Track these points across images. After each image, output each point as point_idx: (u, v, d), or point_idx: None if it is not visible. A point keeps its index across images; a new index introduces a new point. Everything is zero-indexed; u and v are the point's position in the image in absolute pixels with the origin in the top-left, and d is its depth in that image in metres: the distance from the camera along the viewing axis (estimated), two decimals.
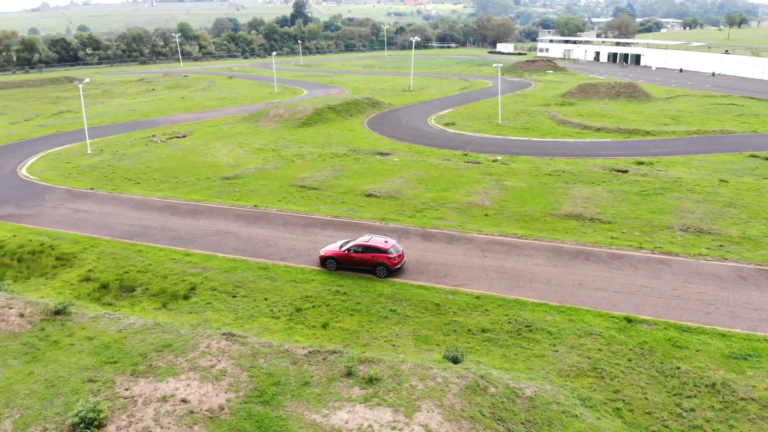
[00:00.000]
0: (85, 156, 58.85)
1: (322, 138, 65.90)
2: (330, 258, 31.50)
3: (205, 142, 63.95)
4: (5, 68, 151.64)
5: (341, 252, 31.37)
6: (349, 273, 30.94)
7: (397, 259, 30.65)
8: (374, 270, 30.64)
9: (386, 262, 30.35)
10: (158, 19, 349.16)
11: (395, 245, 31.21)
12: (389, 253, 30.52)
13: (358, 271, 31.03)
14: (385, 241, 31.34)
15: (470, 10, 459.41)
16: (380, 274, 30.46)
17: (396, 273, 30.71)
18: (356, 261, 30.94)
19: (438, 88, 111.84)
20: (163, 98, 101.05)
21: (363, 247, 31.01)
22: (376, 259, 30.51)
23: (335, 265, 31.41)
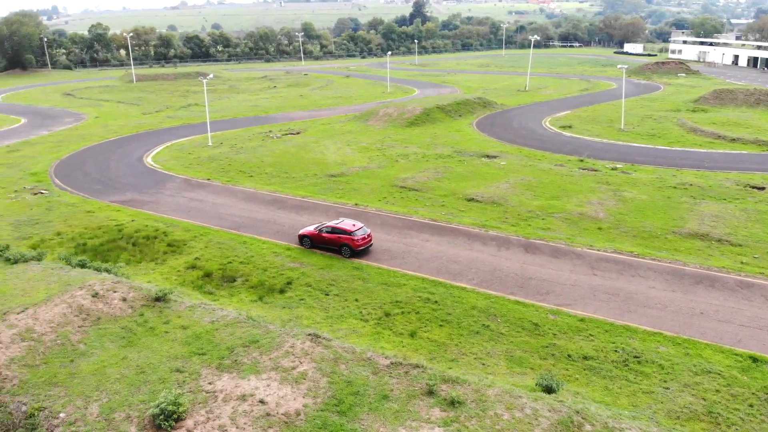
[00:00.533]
0: (206, 148, 62.12)
1: (428, 138, 64.93)
2: (306, 236, 34.48)
3: (317, 140, 65.23)
4: (143, 62, 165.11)
5: (314, 232, 34.20)
6: (443, 280, 29.75)
7: (360, 241, 32.92)
8: (340, 250, 33.18)
9: (350, 243, 32.82)
10: (285, 19, 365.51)
11: (362, 229, 33.51)
12: (354, 235, 32.84)
13: (327, 250, 33.61)
14: (353, 224, 33.76)
15: (597, 8, 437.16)
16: (345, 254, 32.99)
17: (360, 254, 32.96)
18: (326, 240, 33.68)
19: (556, 88, 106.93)
20: (283, 95, 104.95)
21: (332, 228, 33.65)
22: (342, 240, 33.12)
23: (309, 243, 34.31)
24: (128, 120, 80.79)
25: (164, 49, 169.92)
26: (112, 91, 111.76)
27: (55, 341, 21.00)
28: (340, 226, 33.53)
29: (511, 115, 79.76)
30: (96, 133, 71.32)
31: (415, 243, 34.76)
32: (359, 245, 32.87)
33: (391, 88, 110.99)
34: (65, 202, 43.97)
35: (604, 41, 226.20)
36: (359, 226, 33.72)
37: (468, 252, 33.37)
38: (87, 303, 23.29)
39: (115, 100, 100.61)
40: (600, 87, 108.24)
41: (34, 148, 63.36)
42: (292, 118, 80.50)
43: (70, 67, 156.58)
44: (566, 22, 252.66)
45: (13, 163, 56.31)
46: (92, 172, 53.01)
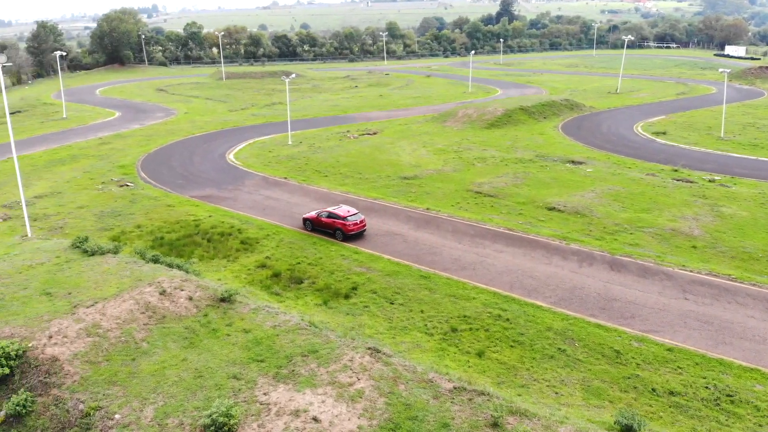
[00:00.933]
0: (285, 146, 62.78)
1: (509, 141, 62.47)
2: (308, 220, 37.50)
3: (393, 141, 64.42)
4: (233, 60, 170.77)
5: (315, 216, 37.13)
6: (516, 296, 27.93)
7: (351, 227, 35.68)
8: (334, 233, 36.05)
9: (342, 228, 35.72)
10: (371, 18, 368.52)
11: (356, 215, 36.18)
12: (346, 220, 35.69)
13: (324, 234, 36.46)
14: (348, 210, 36.50)
15: (696, 8, 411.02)
16: (338, 236, 35.86)
17: (351, 239, 35.63)
18: (323, 224, 36.61)
19: (650, 91, 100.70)
20: (363, 95, 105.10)
21: (328, 213, 36.59)
22: (336, 224, 35.98)
23: (310, 227, 37.27)
24: (215, 116, 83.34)
25: (254, 48, 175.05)
26: (202, 88, 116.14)
27: (119, 338, 21.16)
28: (336, 212, 36.34)
29: (600, 118, 75.62)
30: (184, 128, 73.95)
31: (487, 253, 33.06)
32: (351, 230, 35.66)
33: (472, 88, 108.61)
34: (148, 195, 45.46)
35: (704, 43, 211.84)
36: (353, 212, 36.46)
37: (546, 266, 31.31)
38: (154, 300, 23.43)
39: (204, 96, 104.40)
40: (698, 91, 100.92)
41: (125, 141, 66.46)
42: (370, 118, 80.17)
43: (165, 63, 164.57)
44: (663, 21, 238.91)
45: (104, 155, 59.19)
46: (176, 167, 54.73)
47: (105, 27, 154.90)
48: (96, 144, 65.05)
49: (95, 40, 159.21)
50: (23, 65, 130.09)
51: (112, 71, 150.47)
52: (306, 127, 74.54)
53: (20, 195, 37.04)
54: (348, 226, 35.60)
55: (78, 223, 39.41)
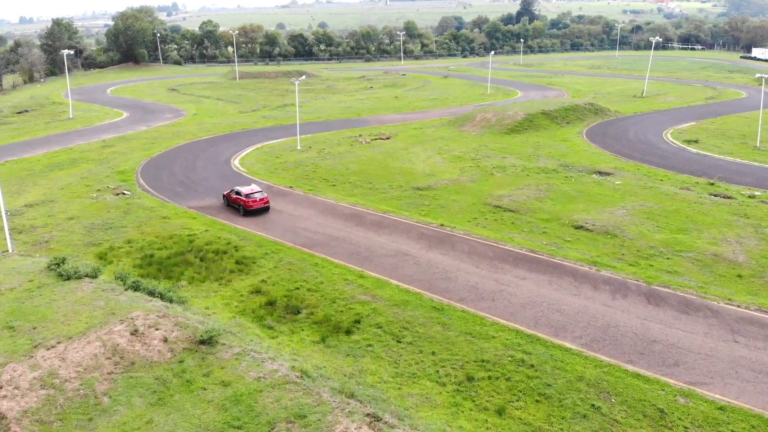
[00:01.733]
0: (293, 152, 59.66)
1: (530, 148, 58.68)
2: (224, 195, 42.30)
3: (406, 146, 60.98)
4: (249, 59, 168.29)
5: (228, 193, 41.92)
6: (542, 336, 24.36)
7: (251, 203, 39.84)
8: (238, 208, 40.43)
9: (243, 204, 40.00)
10: (389, 18, 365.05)
11: (257, 193, 40.38)
12: (247, 197, 39.92)
13: (233, 208, 41.14)
14: (251, 189, 40.75)
15: (720, 9, 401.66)
16: (240, 211, 40.14)
17: (252, 213, 39.94)
18: (231, 200, 41.16)
19: (677, 95, 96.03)
20: (378, 96, 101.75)
21: (235, 191, 41.04)
22: (239, 200, 40.36)
23: (226, 202, 41.86)
24: (224, 118, 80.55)
25: (269, 47, 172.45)
26: (215, 88, 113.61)
27: (77, 391, 18.05)
28: (238, 189, 40.96)
29: (626, 124, 71.44)
30: (191, 130, 71.20)
31: (508, 281, 29.54)
32: (250, 206, 39.87)
33: (491, 89, 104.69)
34: (144, 205, 42.56)
35: (729, 45, 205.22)
36: (256, 190, 40.71)
37: (574, 298, 27.71)
38: (123, 342, 20.31)
39: (215, 97, 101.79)
40: (727, 96, 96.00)
41: (128, 143, 63.81)
42: (384, 122, 76.78)
43: (180, 62, 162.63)
44: (687, 22, 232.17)
45: (104, 159, 56.53)
46: (178, 173, 51.85)
47: (120, 25, 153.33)
48: (98, 147, 62.46)
49: (110, 38, 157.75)
50: (36, 63, 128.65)
51: (126, 70, 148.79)
52: (317, 130, 71.36)
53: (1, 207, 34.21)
54: (248, 203, 39.83)
55: (65, 236, 36.57)
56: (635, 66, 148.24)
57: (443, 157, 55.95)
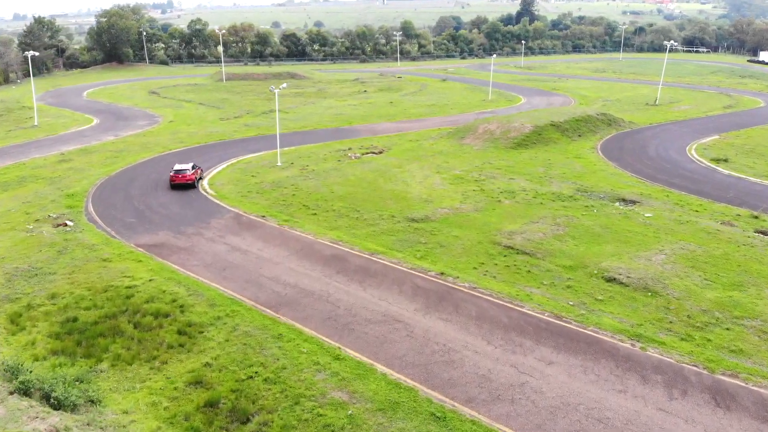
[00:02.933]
0: (273, 168, 52.35)
1: (540, 167, 51.47)
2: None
3: (401, 163, 53.73)
4: (239, 59, 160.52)
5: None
6: None
7: (174, 179, 46.06)
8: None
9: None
10: (387, 17, 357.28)
11: (180, 169, 46.29)
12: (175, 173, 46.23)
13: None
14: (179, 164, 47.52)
15: (721, 10, 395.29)
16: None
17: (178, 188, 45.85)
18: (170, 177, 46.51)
19: (692, 103, 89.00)
20: (372, 102, 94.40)
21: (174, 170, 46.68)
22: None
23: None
24: (202, 126, 73.16)
25: (261, 46, 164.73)
26: (199, 91, 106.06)
27: None
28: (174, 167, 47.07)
29: (643, 137, 64.33)
30: (162, 142, 63.78)
31: (530, 367, 22.34)
32: (173, 180, 46.08)
33: (492, 95, 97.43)
34: (84, 242, 35.18)
35: (734, 48, 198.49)
36: (185, 167, 46.67)
37: (620, 398, 20.53)
38: None
39: (197, 101, 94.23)
40: (744, 104, 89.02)
41: (89, 157, 56.32)
42: (377, 132, 69.49)
43: (167, 62, 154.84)
44: (690, 24, 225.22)
45: (57, 178, 49.07)
46: (135, 196, 44.45)
47: (103, 23, 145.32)
48: (54, 162, 54.97)
49: (93, 37, 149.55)
50: (12, 63, 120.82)
51: (109, 70, 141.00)
52: (302, 141, 64.03)
53: None
54: (172, 176, 46.22)
55: None
56: (641, 69, 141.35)
57: (442, 177, 48.72)
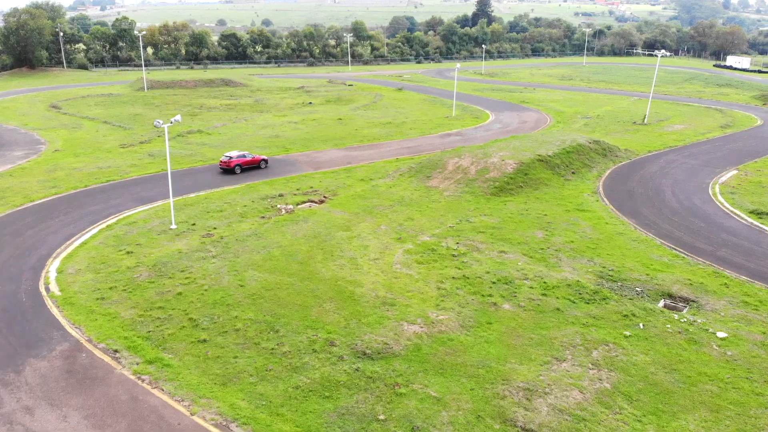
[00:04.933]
0: (163, 235, 36.26)
1: (537, 230, 37.07)
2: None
3: (348, 220, 38.48)
4: (171, 62, 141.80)
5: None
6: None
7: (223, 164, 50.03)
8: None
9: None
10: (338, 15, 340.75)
11: (231, 154, 50.16)
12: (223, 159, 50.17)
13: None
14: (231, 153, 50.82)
15: (671, 12, 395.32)
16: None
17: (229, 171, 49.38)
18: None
19: (683, 121, 77.00)
20: (317, 118, 78.66)
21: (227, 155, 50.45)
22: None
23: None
24: (93, 158, 55.94)
25: (196, 48, 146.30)
26: (110, 103, 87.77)
27: None
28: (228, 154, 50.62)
29: (650, 173, 51.05)
30: (28, 186, 46.53)
31: None
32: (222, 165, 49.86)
33: (456, 109, 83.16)
34: None
35: (695, 51, 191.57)
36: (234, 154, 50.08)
37: None
38: None
39: (103, 118, 76.29)
40: (741, 122, 77.68)
41: None
42: (320, 164, 54.02)
43: (86, 66, 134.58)
44: (648, 27, 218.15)
45: None
46: None
47: (12, 24, 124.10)
48: None
49: (0, 39, 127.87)
50: None
51: (17, 77, 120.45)
52: (218, 182, 47.96)
53: None
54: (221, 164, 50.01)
55: None
56: (609, 77, 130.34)
57: (406, 250, 33.72)
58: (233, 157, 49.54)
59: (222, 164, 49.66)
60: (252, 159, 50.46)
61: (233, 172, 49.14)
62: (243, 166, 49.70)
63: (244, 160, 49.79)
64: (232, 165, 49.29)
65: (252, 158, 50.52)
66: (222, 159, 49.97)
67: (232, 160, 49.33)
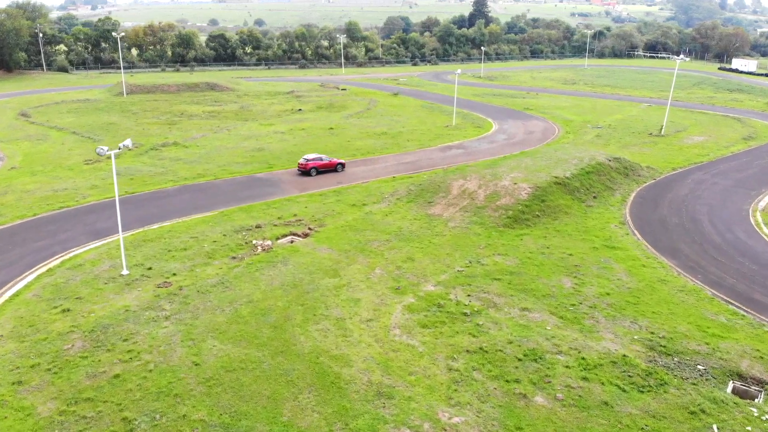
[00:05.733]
0: (111, 284, 29.72)
1: (564, 277, 30.63)
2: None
3: (337, 261, 31.99)
4: (156, 64, 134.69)
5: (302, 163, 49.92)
6: None
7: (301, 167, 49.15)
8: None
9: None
10: (332, 15, 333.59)
11: (308, 156, 49.25)
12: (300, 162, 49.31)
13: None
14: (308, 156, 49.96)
15: (667, 13, 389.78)
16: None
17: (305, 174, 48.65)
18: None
19: (701, 131, 70.84)
20: (307, 127, 72.06)
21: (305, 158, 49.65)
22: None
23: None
24: (49, 178, 49.20)
25: (183, 49, 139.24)
26: (84, 111, 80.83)
27: None
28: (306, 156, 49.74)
29: (679, 198, 44.78)
30: None
31: None
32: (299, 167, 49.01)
33: (456, 117, 76.77)
34: None
35: (697, 53, 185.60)
36: (312, 157, 49.08)
37: None
38: None
39: (73, 128, 69.42)
40: (765, 133, 71.41)
41: None
42: (306, 183, 47.45)
43: (67, 69, 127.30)
44: (647, 28, 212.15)
45: None
46: None
47: None
48: None
49: None
50: None
51: None
52: (188, 208, 41.28)
53: None
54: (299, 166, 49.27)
55: None
56: (613, 81, 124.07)
57: (407, 306, 27.27)
58: (310, 159, 48.60)
59: (300, 167, 48.74)
60: (328, 162, 49.33)
61: (309, 174, 48.30)
62: (319, 169, 48.71)
63: (320, 164, 48.75)
64: (308, 168, 48.37)
65: (329, 161, 49.42)
66: (300, 162, 48.99)
67: (308, 162, 48.38)
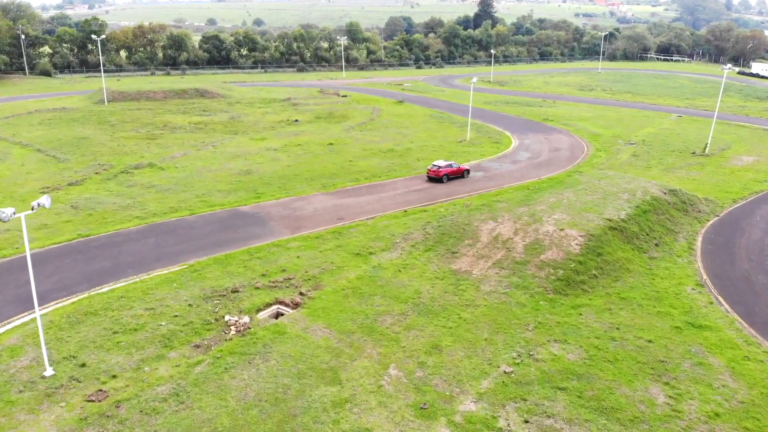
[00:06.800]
0: (25, 395, 21.14)
1: (654, 386, 21.85)
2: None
3: (335, 354, 23.15)
4: (145, 67, 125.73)
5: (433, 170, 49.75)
6: None
7: (432, 173, 49.04)
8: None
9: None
10: (332, 15, 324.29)
11: (439, 163, 49.32)
12: (437, 168, 49.00)
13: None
14: (439, 162, 49.99)
15: (673, 13, 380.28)
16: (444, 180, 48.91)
17: (436, 180, 48.22)
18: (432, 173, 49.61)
19: (748, 149, 62.14)
20: (303, 142, 63.24)
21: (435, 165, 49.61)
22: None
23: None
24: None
25: (174, 51, 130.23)
26: (57, 122, 71.91)
27: None
28: (436, 163, 49.74)
29: (756, 242, 35.96)
30: None
31: None
32: (429, 173, 49.10)
33: (471, 130, 67.95)
34: None
35: (711, 56, 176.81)
36: (443, 163, 49.27)
37: None
38: None
39: (40, 142, 60.53)
40: None
41: None
42: (300, 222, 38.67)
43: (50, 72, 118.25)
44: (657, 29, 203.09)
45: None
46: None
47: None
48: None
49: None
50: None
51: None
52: (148, 258, 32.45)
53: None
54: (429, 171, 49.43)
55: None
56: (632, 86, 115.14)
57: None
58: (441, 167, 49.09)
59: (431, 173, 49.08)
60: (457, 169, 50.13)
61: (441, 181, 48.38)
62: (450, 176, 49.16)
63: (451, 170, 49.45)
64: (441, 175, 48.67)
65: (458, 168, 50.21)
66: (430, 168, 49.48)
67: (440, 170, 48.92)
